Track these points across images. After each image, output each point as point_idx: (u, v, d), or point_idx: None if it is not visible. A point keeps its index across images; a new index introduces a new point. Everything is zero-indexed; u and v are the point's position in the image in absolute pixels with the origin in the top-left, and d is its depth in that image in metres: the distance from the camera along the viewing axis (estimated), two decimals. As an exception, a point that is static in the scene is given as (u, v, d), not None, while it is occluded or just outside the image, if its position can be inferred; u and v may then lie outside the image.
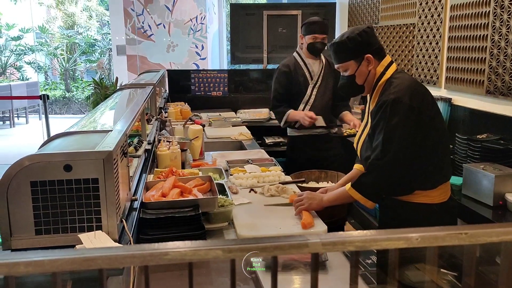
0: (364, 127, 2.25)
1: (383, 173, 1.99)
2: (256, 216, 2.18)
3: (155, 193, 2.06)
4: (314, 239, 0.61)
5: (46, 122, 5.94)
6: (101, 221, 1.38)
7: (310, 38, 3.62)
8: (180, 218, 1.83)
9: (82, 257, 0.61)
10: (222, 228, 2.06)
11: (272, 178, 2.71)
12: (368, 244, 0.63)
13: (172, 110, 4.52)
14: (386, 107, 1.98)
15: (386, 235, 0.64)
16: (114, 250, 0.61)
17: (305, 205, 2.14)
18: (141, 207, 1.89)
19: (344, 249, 0.63)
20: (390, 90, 2.01)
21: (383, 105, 1.99)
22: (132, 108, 2.29)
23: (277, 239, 0.63)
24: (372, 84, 2.14)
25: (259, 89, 5.82)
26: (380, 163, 1.97)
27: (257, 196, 2.49)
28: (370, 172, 2.03)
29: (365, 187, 2.05)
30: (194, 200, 1.98)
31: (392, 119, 1.96)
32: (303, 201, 2.16)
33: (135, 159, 2.19)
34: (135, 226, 1.69)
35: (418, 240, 0.63)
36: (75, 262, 0.61)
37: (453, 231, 0.62)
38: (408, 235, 0.64)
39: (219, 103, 5.72)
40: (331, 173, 3.00)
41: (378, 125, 2.02)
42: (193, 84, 5.74)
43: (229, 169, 2.91)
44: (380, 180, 2.01)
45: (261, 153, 3.50)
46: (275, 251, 0.62)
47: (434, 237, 0.63)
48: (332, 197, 2.18)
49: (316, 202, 2.15)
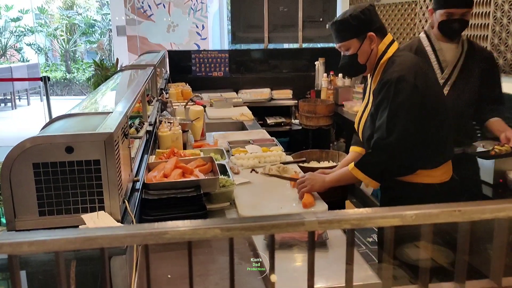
0: (365, 107, 2.25)
1: (387, 152, 1.98)
2: (258, 197, 2.20)
3: (157, 174, 2.08)
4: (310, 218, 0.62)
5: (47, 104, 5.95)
6: (103, 202, 1.39)
7: (442, 14, 2.54)
8: (182, 199, 1.85)
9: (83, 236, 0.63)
10: (223, 208, 2.08)
11: (273, 158, 2.73)
12: (364, 222, 0.64)
13: (173, 91, 4.52)
14: (390, 85, 1.97)
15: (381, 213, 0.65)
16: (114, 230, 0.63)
17: (308, 187, 2.14)
18: (143, 188, 1.91)
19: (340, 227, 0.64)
20: (394, 68, 2.00)
21: (387, 83, 1.98)
22: (133, 89, 2.29)
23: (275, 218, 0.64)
24: (374, 63, 2.13)
25: (261, 69, 5.80)
26: (384, 142, 1.97)
27: (259, 177, 2.51)
28: (374, 152, 2.02)
29: (369, 167, 2.04)
30: (196, 181, 2.00)
31: (397, 97, 1.95)
32: (305, 183, 2.16)
33: (137, 140, 2.20)
34: (137, 207, 1.71)
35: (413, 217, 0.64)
36: (77, 242, 0.63)
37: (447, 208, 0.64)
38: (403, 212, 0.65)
39: (220, 84, 5.70)
40: (332, 152, 3.01)
41: (381, 104, 2.01)
42: (194, 65, 5.72)
43: (230, 150, 2.92)
44: (384, 160, 2.00)
45: (262, 133, 3.51)
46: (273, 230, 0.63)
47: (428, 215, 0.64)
48: (334, 177, 2.18)
49: (319, 184, 2.16)
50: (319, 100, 5.09)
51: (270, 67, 5.82)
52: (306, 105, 4.85)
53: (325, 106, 4.78)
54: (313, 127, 4.85)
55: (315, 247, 0.69)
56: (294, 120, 5.40)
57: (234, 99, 4.89)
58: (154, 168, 2.19)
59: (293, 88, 5.65)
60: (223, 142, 3.13)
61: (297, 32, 5.87)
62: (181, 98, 4.44)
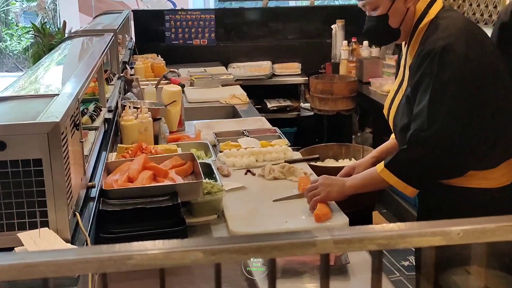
0: (398, 87, 2.25)
1: (429, 148, 1.98)
2: (255, 207, 2.21)
3: (119, 178, 2.08)
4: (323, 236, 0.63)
5: (-29, 83, 5.94)
6: (47, 216, 1.40)
7: None
8: (152, 210, 1.86)
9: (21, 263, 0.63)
10: (209, 223, 2.09)
11: (275, 156, 2.74)
12: (395, 242, 0.64)
13: (141, 65, 4.51)
14: (432, 57, 1.96)
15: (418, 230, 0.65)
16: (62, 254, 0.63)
17: (322, 195, 2.12)
18: (100, 196, 1.92)
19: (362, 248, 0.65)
20: (438, 34, 2.00)
21: (429, 55, 1.98)
22: (86, 63, 2.29)
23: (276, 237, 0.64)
24: (411, 27, 2.13)
25: (258, 35, 5.80)
26: (425, 134, 1.96)
27: (256, 180, 2.52)
28: (411, 147, 2.01)
29: (404, 168, 2.04)
30: (172, 186, 2.00)
31: (442, 74, 1.95)
32: (318, 189, 2.14)
33: (91, 132, 2.21)
34: (93, 222, 1.71)
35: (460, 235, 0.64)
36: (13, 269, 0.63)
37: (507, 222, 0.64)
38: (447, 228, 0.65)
39: (203, 55, 5.71)
40: (355, 147, 3.04)
41: (421, 82, 2.01)
42: (168, 30, 5.71)
43: (217, 144, 2.93)
44: (425, 158, 2.00)
45: (261, 121, 3.52)
46: (273, 252, 0.63)
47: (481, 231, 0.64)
48: (358, 181, 2.17)
49: (336, 190, 2.14)
50: (337, 76, 5.10)
51: (271, 33, 5.82)
52: (320, 83, 4.86)
53: (345, 84, 4.80)
54: (329, 112, 4.86)
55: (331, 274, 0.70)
56: (303, 104, 5.42)
57: (222, 75, 4.90)
58: (115, 170, 2.20)
59: (302, 61, 5.66)
60: (208, 133, 3.13)
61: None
62: (152, 75, 4.44)
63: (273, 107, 5.37)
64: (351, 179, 2.20)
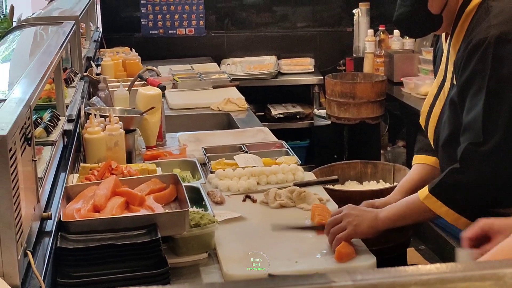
0: (439, 89, 2.26)
1: (487, 168, 1.99)
2: (255, 243, 2.21)
3: (83, 206, 2.08)
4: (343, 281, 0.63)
5: None
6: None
7: None
8: (125, 248, 1.86)
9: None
10: (197, 263, 2.09)
11: (282, 177, 2.74)
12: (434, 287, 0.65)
13: (109, 61, 4.53)
14: (485, 50, 1.97)
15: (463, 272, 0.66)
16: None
17: (348, 230, 2.09)
18: (58, 230, 1.92)
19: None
20: (490, 21, 2.01)
21: (480, 47, 1.99)
22: (39, 60, 2.30)
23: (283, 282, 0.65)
24: (455, 13, 2.14)
25: (259, 22, 5.83)
26: (481, 150, 1.97)
27: (257, 208, 2.53)
28: (464, 167, 2.02)
29: (456, 194, 2.05)
30: (149, 217, 2.00)
31: (498, 70, 1.96)
32: (343, 222, 2.11)
33: (47, 148, 2.22)
34: (49, 263, 1.72)
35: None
36: None
37: None
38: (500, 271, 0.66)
39: (190, 48, 5.73)
40: (384, 165, 3.04)
41: (471, 83, 2.02)
42: (144, 16, 5.74)
43: (208, 163, 2.94)
44: (482, 180, 2.01)
45: (263, 133, 3.53)
46: (279, 302, 0.64)
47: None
48: (395, 212, 2.16)
49: (367, 224, 2.12)
50: (361, 75, 5.12)
51: (276, 19, 5.86)
52: (339, 83, 4.88)
53: (370, 85, 4.81)
54: (350, 121, 4.88)
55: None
56: (318, 111, 5.42)
57: (214, 74, 4.91)
58: (77, 196, 2.20)
59: (315, 55, 5.68)
60: (196, 149, 3.14)
61: (322, -42, 5.91)
62: (123, 75, 4.45)
63: (279, 114, 5.39)
64: (386, 209, 2.19)
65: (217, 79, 4.78)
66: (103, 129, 2.80)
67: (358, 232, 2.12)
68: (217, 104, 4.17)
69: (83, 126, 2.88)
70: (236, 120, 3.94)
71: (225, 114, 4.09)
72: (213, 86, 4.64)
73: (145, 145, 3.21)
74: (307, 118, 5.45)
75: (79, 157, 2.81)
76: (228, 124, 4.01)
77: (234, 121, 3.94)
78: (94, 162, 2.70)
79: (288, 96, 5.60)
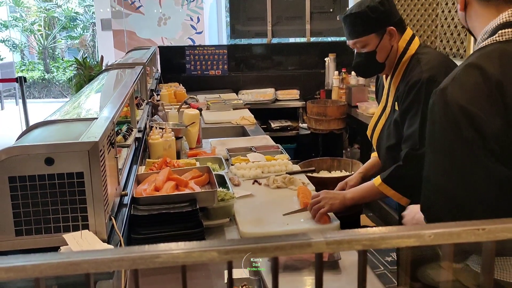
0: (381, 112, 2.26)
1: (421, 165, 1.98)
2: (261, 211, 2.21)
3: (148, 187, 2.10)
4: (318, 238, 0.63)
5: (23, 107, 5.97)
6: (87, 220, 1.41)
7: None
8: (175, 215, 1.87)
9: (67, 261, 0.64)
10: (223, 225, 2.09)
11: (278, 168, 2.74)
12: (377, 243, 0.65)
13: (165, 92, 4.55)
14: (420, 87, 1.97)
15: (396, 233, 0.66)
16: (101, 253, 0.64)
17: (326, 208, 2.08)
18: (132, 203, 1.93)
19: (350, 248, 0.66)
20: (421, 67, 2.01)
21: (416, 85, 1.98)
22: (120, 91, 2.31)
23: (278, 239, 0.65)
24: (394, 61, 2.14)
25: (263, 66, 5.83)
26: (417, 153, 1.95)
27: (262, 189, 2.53)
28: (407, 164, 2.01)
29: (400, 182, 2.04)
30: (191, 194, 2.01)
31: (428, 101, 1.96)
32: (322, 202, 2.10)
33: (124, 149, 2.22)
34: (126, 224, 1.72)
35: (431, 237, 0.65)
36: (60, 267, 0.64)
37: (469, 226, 0.65)
38: (420, 231, 0.66)
39: (218, 83, 5.74)
40: (345, 160, 3.03)
41: (410, 109, 2.01)
42: (188, 62, 5.76)
43: (229, 158, 2.94)
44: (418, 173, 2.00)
45: (266, 139, 3.53)
46: (276, 252, 0.64)
47: (448, 234, 0.65)
48: (358, 194, 2.15)
49: (338, 202, 2.11)
50: (330, 101, 5.11)
51: (274, 64, 5.85)
52: (315, 106, 4.87)
53: (336, 107, 4.81)
54: (323, 131, 4.87)
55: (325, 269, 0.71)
56: (301, 124, 5.41)
57: (233, 100, 4.92)
58: (144, 181, 2.21)
59: (300, 88, 5.67)
60: (222, 149, 3.15)
61: (304, 24, 5.90)
62: (174, 101, 4.47)
63: (276, 126, 5.38)
64: (351, 192, 2.18)
65: (236, 104, 4.78)
66: (161, 136, 2.81)
67: (333, 209, 2.11)
68: (235, 120, 4.19)
69: (148, 134, 2.90)
70: (248, 130, 3.95)
71: (241, 127, 4.10)
72: (233, 108, 4.65)
73: (189, 147, 3.23)
74: (294, 129, 5.44)
75: (145, 155, 2.82)
76: (243, 133, 4.02)
77: (247, 131, 3.95)
78: (155, 158, 2.71)
79: (282, 114, 5.59)
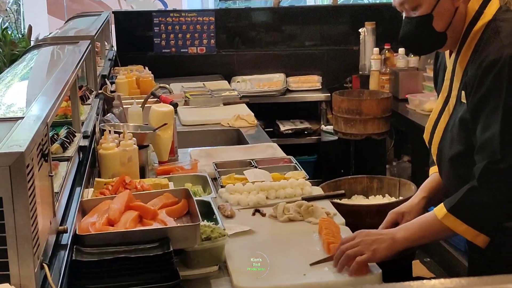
0: (443, 106, 2.25)
1: (505, 186, 1.96)
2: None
3: (97, 220, 2.08)
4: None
5: None
6: (8, 268, 1.40)
7: None
8: (138, 261, 1.85)
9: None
10: (208, 276, 2.08)
11: (290, 192, 2.73)
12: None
13: (123, 79, 4.54)
14: (500, 70, 1.96)
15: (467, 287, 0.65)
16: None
17: (366, 255, 2.03)
18: (74, 243, 1.92)
19: (400, 310, 0.65)
20: (502, 41, 2.00)
21: (494, 66, 1.97)
22: (56, 78, 2.30)
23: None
24: (461, 31, 2.13)
25: (268, 41, 5.84)
26: (499, 168, 1.94)
27: (266, 222, 2.52)
28: (483, 185, 1.98)
29: (475, 212, 2.02)
30: (162, 230, 2.00)
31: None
32: (360, 247, 2.04)
33: (63, 163, 2.22)
34: (65, 275, 1.71)
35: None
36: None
37: None
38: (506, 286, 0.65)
39: (201, 66, 5.75)
40: (389, 180, 3.02)
41: (485, 102, 2.00)
42: (157, 36, 5.76)
43: (218, 178, 2.94)
44: (501, 198, 1.98)
45: (272, 148, 3.53)
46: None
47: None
48: (412, 232, 2.10)
49: (385, 246, 2.06)
50: (367, 92, 5.12)
51: (285, 38, 5.86)
52: (346, 100, 4.88)
53: (376, 102, 4.81)
54: (357, 137, 4.87)
55: None
56: (325, 127, 5.42)
57: (224, 91, 4.92)
58: (92, 210, 2.20)
59: (322, 73, 5.68)
60: (207, 164, 3.14)
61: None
62: (137, 92, 4.46)
63: (288, 130, 5.39)
64: (403, 230, 2.14)
65: (228, 96, 4.78)
66: (117, 145, 2.80)
67: (377, 256, 2.06)
68: (227, 120, 4.18)
69: (98, 142, 2.89)
70: (246, 136, 3.94)
71: (235, 130, 4.09)
72: (224, 103, 4.65)
73: (158, 160, 3.22)
74: (314, 134, 5.44)
75: (94, 172, 2.81)
76: (238, 139, 4.02)
77: (243, 137, 3.94)
78: (109, 177, 2.70)
79: (296, 112, 5.60)
